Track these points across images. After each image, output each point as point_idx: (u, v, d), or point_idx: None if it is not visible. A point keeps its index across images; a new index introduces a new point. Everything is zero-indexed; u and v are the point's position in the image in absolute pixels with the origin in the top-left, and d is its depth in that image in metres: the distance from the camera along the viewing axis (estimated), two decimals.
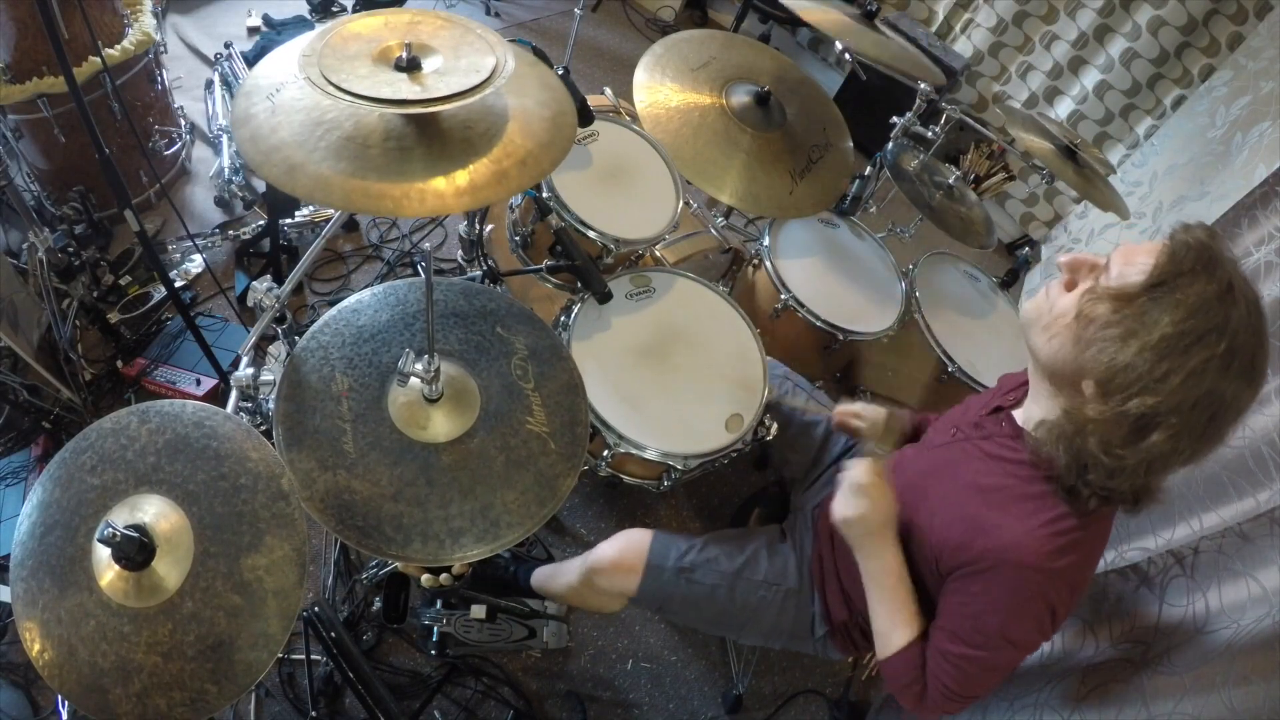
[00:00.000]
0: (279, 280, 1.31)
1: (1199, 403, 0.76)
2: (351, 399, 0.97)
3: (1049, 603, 0.88)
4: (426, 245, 2.29)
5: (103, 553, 0.77)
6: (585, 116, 1.33)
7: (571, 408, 1.04)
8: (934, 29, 3.10)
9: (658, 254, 1.71)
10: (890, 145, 1.91)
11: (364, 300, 1.08)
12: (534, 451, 0.98)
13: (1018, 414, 1.00)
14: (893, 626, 1.00)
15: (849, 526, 1.02)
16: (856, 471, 1.03)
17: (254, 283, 1.08)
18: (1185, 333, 0.75)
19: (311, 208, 2.12)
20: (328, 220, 2.07)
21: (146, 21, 1.87)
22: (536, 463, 0.97)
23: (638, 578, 1.23)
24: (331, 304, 1.22)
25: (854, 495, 1.02)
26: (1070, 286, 0.88)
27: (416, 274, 2.16)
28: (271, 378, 1.06)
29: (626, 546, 1.26)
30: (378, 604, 1.52)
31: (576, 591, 1.37)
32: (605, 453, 1.38)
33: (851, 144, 1.73)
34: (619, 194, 1.62)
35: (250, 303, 1.09)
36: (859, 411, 1.28)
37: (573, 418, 1.03)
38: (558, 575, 1.45)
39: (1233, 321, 0.75)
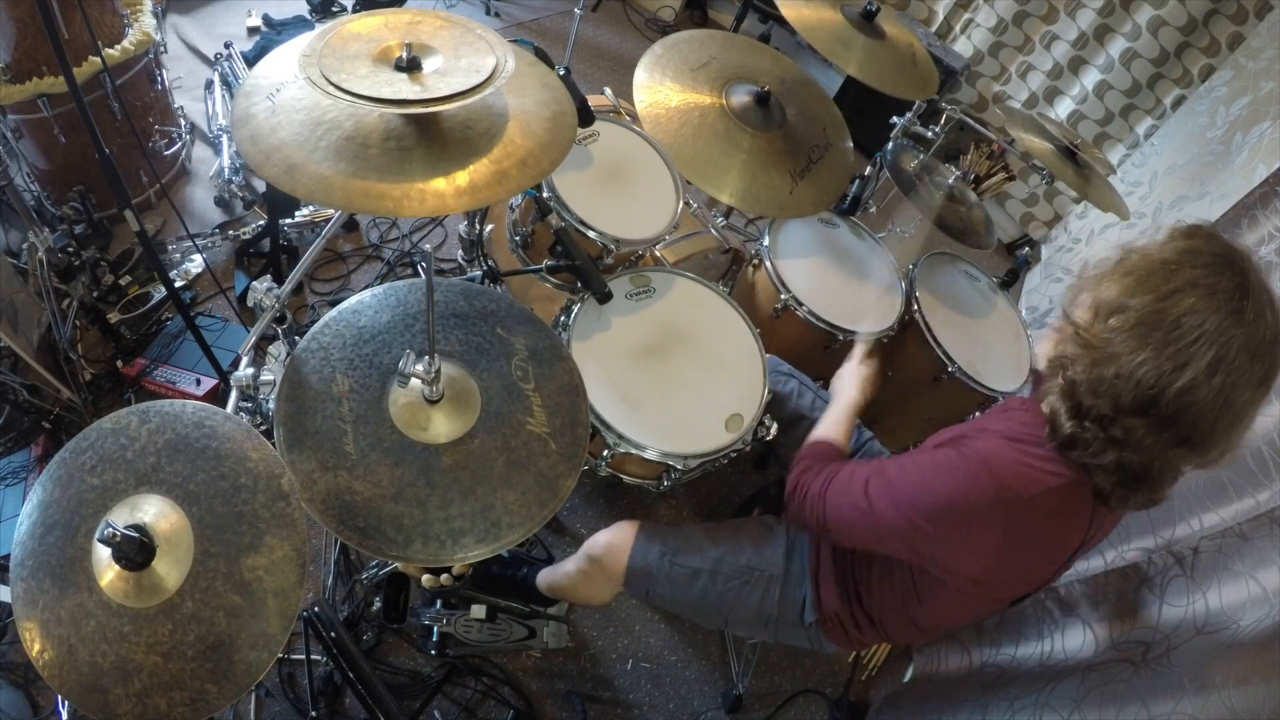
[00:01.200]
0: (279, 280, 1.31)
1: (1178, 321, 0.77)
2: (352, 400, 0.97)
3: (969, 529, 0.91)
4: (427, 246, 2.29)
5: (103, 553, 0.77)
6: (585, 116, 1.33)
7: (572, 408, 1.04)
8: (934, 29, 3.10)
9: (658, 254, 1.70)
10: (890, 145, 1.91)
11: (365, 301, 1.08)
12: (534, 452, 0.98)
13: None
14: (831, 426, 1.26)
15: (847, 379, 1.37)
16: (862, 350, 1.44)
17: (254, 283, 1.08)
18: (1165, 267, 0.80)
19: (311, 208, 2.12)
20: (328, 220, 2.07)
21: (146, 21, 1.87)
22: (537, 463, 0.97)
23: (624, 563, 1.26)
24: (332, 304, 1.22)
25: (858, 363, 1.41)
26: None
27: (416, 274, 2.16)
28: (271, 378, 1.06)
29: (616, 531, 1.30)
30: (378, 604, 1.52)
31: (572, 580, 1.41)
32: (605, 453, 1.38)
33: (851, 144, 1.73)
34: (619, 194, 1.62)
35: (250, 303, 1.09)
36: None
37: (573, 418, 1.03)
38: (558, 568, 1.48)
39: (1200, 261, 0.80)
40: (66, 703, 1.22)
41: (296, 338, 1.05)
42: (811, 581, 1.22)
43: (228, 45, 2.49)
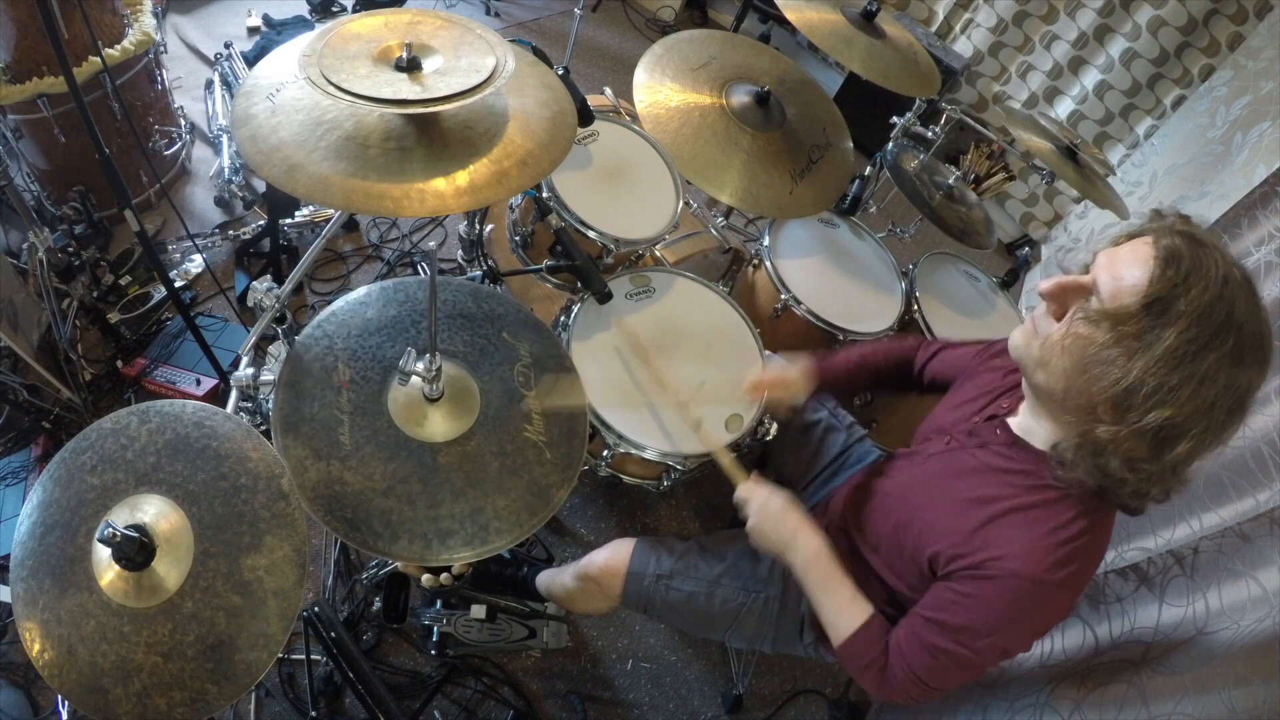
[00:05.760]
0: (279, 280, 1.31)
1: (1217, 401, 0.74)
2: (352, 391, 0.97)
3: (1048, 613, 0.88)
4: (431, 244, 2.29)
5: (103, 553, 0.77)
6: (585, 116, 1.33)
7: (571, 419, 1.04)
8: (934, 29, 3.10)
9: (658, 254, 1.70)
10: (890, 145, 1.91)
11: (373, 294, 1.08)
12: (529, 460, 0.98)
13: (1013, 421, 0.98)
14: (839, 611, 1.02)
15: (758, 539, 1.10)
16: (740, 493, 1.14)
17: (254, 283, 1.08)
18: (1191, 340, 0.73)
19: (311, 208, 2.12)
20: (328, 220, 2.07)
21: (146, 21, 1.87)
22: (531, 471, 0.97)
23: (620, 584, 1.25)
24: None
25: (747, 511, 1.11)
26: (1060, 314, 0.84)
27: (417, 274, 2.16)
28: (271, 378, 1.06)
29: (611, 554, 1.29)
30: (378, 604, 1.52)
31: (570, 594, 1.41)
32: (605, 453, 1.38)
33: (851, 144, 1.73)
34: (619, 194, 1.62)
35: (250, 303, 1.09)
36: (777, 378, 1.32)
37: (571, 429, 1.03)
38: (556, 578, 1.47)
39: (1236, 316, 0.73)
40: (66, 703, 1.22)
41: (296, 338, 1.05)
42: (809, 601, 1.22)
43: (228, 45, 2.49)
